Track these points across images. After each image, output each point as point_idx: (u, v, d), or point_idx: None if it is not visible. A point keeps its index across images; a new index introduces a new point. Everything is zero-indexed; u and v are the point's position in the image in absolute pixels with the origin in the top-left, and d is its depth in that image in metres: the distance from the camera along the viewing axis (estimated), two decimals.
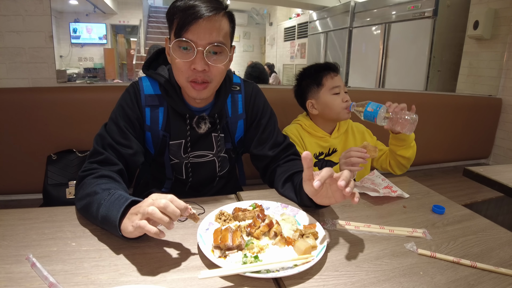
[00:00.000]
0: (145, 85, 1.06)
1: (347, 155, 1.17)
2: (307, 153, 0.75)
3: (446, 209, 1.04)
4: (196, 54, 0.91)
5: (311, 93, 1.45)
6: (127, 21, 7.37)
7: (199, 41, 0.90)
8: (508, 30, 2.66)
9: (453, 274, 0.73)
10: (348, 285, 0.67)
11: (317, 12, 5.83)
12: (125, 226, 0.72)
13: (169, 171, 1.14)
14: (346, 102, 1.39)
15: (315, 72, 1.45)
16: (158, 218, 0.68)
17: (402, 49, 3.73)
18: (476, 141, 2.69)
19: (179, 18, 0.89)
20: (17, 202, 1.69)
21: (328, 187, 0.82)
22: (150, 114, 1.06)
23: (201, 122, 1.07)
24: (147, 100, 1.05)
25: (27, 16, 1.61)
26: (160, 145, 1.10)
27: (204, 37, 0.90)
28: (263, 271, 0.67)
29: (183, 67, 0.94)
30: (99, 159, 0.95)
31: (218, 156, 1.16)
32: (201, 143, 1.12)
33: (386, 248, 0.81)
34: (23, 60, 1.65)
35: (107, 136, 0.99)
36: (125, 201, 0.76)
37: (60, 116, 1.60)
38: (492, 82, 2.78)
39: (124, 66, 7.27)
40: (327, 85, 1.41)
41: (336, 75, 1.43)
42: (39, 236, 0.78)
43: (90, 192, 0.83)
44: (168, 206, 0.69)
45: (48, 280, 0.61)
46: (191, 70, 0.93)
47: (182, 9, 0.89)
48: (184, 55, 0.93)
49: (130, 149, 1.00)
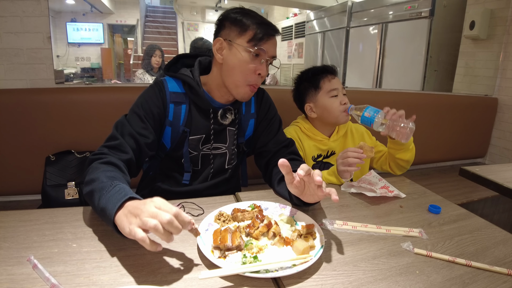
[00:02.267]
0: (170, 84, 1.14)
1: (344, 155, 1.18)
2: (283, 161, 0.78)
3: (442, 209, 1.05)
4: (264, 62, 1.08)
5: (309, 97, 1.45)
6: (124, 21, 7.35)
7: (270, 53, 1.08)
8: (504, 30, 2.68)
9: (449, 273, 0.74)
10: (346, 284, 0.68)
11: (314, 12, 5.84)
12: (121, 223, 0.69)
13: (187, 164, 1.19)
14: (345, 105, 1.38)
15: (312, 75, 1.44)
16: (160, 235, 0.65)
17: (399, 49, 3.75)
18: (472, 140, 2.71)
19: (256, 30, 1.04)
20: (16, 203, 1.69)
21: (308, 185, 0.84)
22: (173, 110, 1.12)
23: (227, 113, 1.18)
24: (171, 97, 1.12)
25: (24, 17, 1.61)
26: (178, 139, 1.16)
27: (273, 51, 1.09)
28: (262, 271, 0.68)
29: (250, 71, 1.07)
30: (112, 144, 0.98)
31: (229, 149, 1.24)
32: (217, 136, 1.20)
33: (383, 247, 0.83)
34: (21, 61, 1.65)
35: (127, 125, 1.04)
36: (123, 196, 0.74)
37: (59, 117, 1.60)
38: (488, 82, 2.80)
39: (121, 66, 7.25)
40: (325, 88, 1.41)
41: (334, 77, 1.43)
42: (40, 237, 0.78)
43: (94, 178, 0.83)
44: (173, 222, 0.65)
45: (50, 282, 0.62)
46: (256, 75, 1.08)
47: (259, 23, 1.05)
48: (254, 61, 1.06)
49: (147, 139, 1.06)
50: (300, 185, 0.84)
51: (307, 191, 0.86)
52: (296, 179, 0.83)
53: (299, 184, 0.84)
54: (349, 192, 1.17)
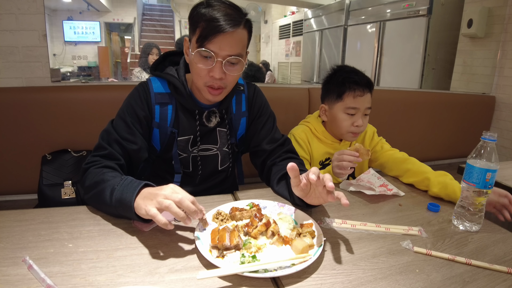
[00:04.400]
0: (155, 85, 1.10)
1: (340, 158, 1.15)
2: (292, 165, 0.78)
3: (441, 207, 1.05)
4: (215, 63, 0.97)
5: (329, 100, 1.35)
6: (121, 19, 7.31)
7: (220, 53, 0.96)
8: (501, 28, 2.68)
9: (449, 271, 0.73)
10: (345, 283, 0.67)
11: (312, 10, 5.83)
12: (139, 207, 0.76)
13: (177, 165, 1.17)
14: (356, 127, 1.29)
15: (342, 82, 1.31)
16: (174, 212, 0.72)
17: (396, 47, 3.75)
18: (470, 138, 2.72)
19: (203, 28, 0.94)
20: (12, 202, 1.68)
21: (315, 188, 0.83)
22: (159, 111, 1.10)
23: (212, 116, 1.14)
24: (157, 98, 1.09)
25: (20, 14, 1.59)
26: (167, 141, 1.14)
27: (224, 49, 0.96)
28: (261, 270, 0.67)
29: (202, 73, 1.00)
30: (102, 154, 0.99)
31: (221, 150, 1.21)
32: (207, 138, 1.17)
33: (383, 246, 0.82)
34: (17, 59, 1.63)
35: (113, 132, 1.03)
36: (139, 184, 0.81)
37: (55, 116, 1.59)
38: (486, 80, 2.81)
39: (118, 64, 7.22)
40: (345, 103, 1.30)
41: (363, 95, 1.29)
42: (35, 237, 0.77)
43: (99, 180, 0.87)
44: (184, 202, 0.73)
45: (46, 282, 0.61)
46: (209, 77, 1.00)
47: (207, 20, 0.93)
48: (204, 62, 0.98)
49: (135, 145, 1.04)
50: (306, 187, 0.83)
51: (312, 193, 0.85)
52: (303, 182, 0.81)
53: (305, 187, 0.83)
54: (348, 190, 1.16)
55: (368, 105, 1.32)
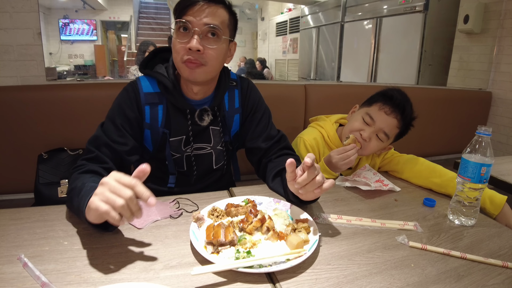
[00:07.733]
0: (144, 84, 1.07)
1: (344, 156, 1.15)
2: (291, 160, 0.78)
3: (437, 202, 1.05)
4: (192, 34, 0.95)
5: (364, 103, 1.32)
6: (118, 17, 7.29)
7: (195, 22, 0.94)
8: (498, 24, 2.68)
9: (444, 265, 0.74)
10: (340, 278, 0.68)
11: (308, 7, 5.83)
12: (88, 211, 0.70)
13: (171, 166, 1.16)
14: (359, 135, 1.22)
15: (383, 95, 1.26)
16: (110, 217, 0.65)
17: (393, 44, 3.75)
18: (467, 134, 2.72)
19: (179, 3, 0.96)
20: (9, 202, 1.67)
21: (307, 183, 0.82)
22: (150, 112, 1.07)
23: (204, 115, 1.11)
24: (146, 98, 1.06)
25: (14, 13, 1.58)
26: (159, 142, 1.11)
27: (200, 18, 0.94)
28: (256, 266, 0.67)
29: (179, 47, 0.96)
30: (88, 157, 0.96)
31: (215, 149, 1.19)
32: (200, 137, 1.14)
33: (378, 241, 0.82)
34: (11, 58, 1.62)
35: (103, 136, 0.99)
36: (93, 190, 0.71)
37: (51, 114, 1.58)
38: (482, 76, 2.81)
39: (115, 62, 7.20)
40: (370, 108, 1.25)
41: (388, 113, 1.21)
42: (30, 235, 0.77)
43: (74, 187, 0.82)
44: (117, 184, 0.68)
45: (41, 280, 0.61)
46: (187, 50, 0.96)
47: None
48: (182, 36, 0.96)
49: (126, 146, 1.02)
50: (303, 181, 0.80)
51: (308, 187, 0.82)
52: (299, 173, 0.80)
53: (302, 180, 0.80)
54: (343, 186, 1.16)
55: (387, 130, 1.21)
